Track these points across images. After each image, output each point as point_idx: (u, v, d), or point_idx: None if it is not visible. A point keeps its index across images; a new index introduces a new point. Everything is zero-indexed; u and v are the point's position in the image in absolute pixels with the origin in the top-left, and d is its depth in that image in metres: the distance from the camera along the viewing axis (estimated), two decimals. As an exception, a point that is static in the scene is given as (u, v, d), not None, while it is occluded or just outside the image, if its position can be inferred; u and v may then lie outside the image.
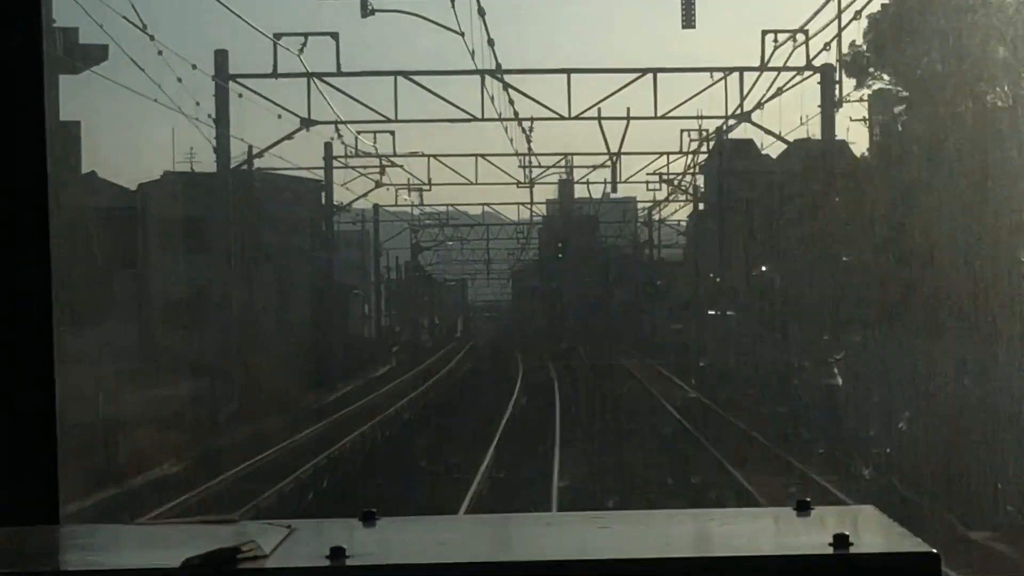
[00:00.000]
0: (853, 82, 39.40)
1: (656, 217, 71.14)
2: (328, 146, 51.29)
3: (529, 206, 73.86)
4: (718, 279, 55.57)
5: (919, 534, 2.43)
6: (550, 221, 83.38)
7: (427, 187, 57.11)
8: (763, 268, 46.02)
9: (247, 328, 38.80)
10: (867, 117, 42.47)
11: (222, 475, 23.44)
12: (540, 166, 58.28)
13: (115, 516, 19.85)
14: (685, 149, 52.77)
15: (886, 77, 36.56)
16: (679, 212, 72.40)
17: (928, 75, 28.93)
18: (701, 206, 65.94)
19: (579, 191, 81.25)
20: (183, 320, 35.50)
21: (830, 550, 2.30)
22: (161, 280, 36.24)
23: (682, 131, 52.37)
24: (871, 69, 36.82)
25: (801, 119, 46.85)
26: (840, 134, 44.65)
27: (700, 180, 63.80)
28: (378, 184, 55.26)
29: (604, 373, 52.56)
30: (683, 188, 60.31)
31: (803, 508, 2.53)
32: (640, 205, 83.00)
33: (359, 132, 49.84)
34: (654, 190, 60.71)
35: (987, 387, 20.14)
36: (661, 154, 53.99)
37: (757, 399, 35.26)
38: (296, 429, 31.40)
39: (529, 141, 44.24)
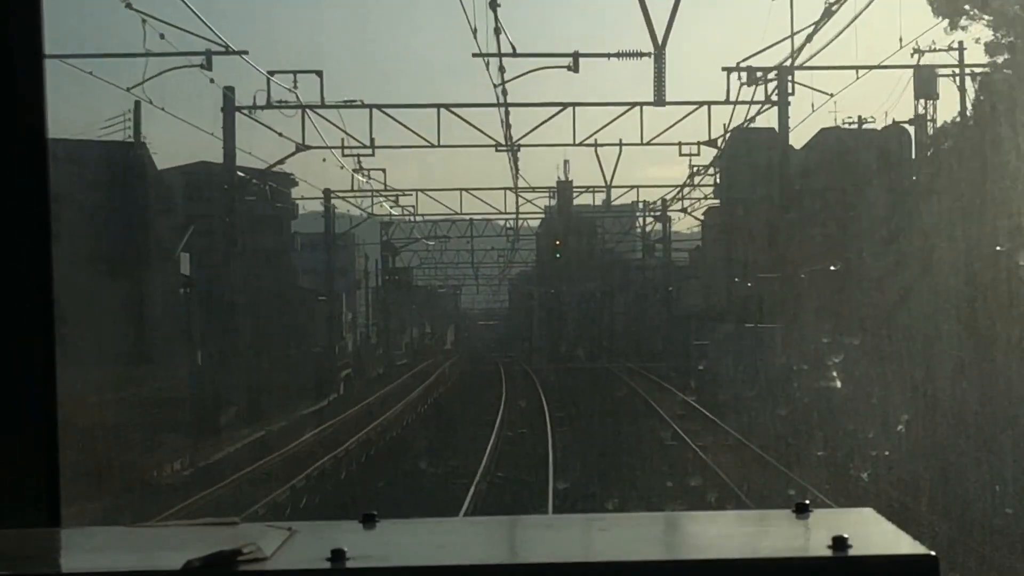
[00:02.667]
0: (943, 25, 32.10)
1: (681, 198, 61.82)
2: (228, 95, 38.73)
3: (514, 191, 59.94)
4: (749, 284, 49.21)
5: (917, 536, 2.46)
6: (549, 223, 75.24)
7: (368, 151, 44.46)
8: (832, 267, 39.70)
9: (107, 350, 31.07)
10: (959, 71, 34.87)
11: None
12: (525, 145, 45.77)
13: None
14: (733, 97, 40.89)
15: (986, 18, 30.04)
16: (699, 202, 62.83)
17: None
18: (717, 202, 59.79)
19: (583, 178, 72.93)
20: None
21: (829, 552, 2.35)
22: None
23: (728, 71, 39.89)
24: (967, 7, 30.50)
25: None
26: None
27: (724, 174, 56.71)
28: (300, 147, 42.02)
29: (622, 412, 38.68)
30: (720, 156, 49.50)
31: (802, 510, 2.58)
32: (648, 194, 72.97)
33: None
34: (690, 154, 47.31)
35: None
36: (701, 105, 42.45)
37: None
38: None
39: (499, 31, 31.74)
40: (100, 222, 34.31)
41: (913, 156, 44.43)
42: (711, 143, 44.97)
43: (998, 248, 24.34)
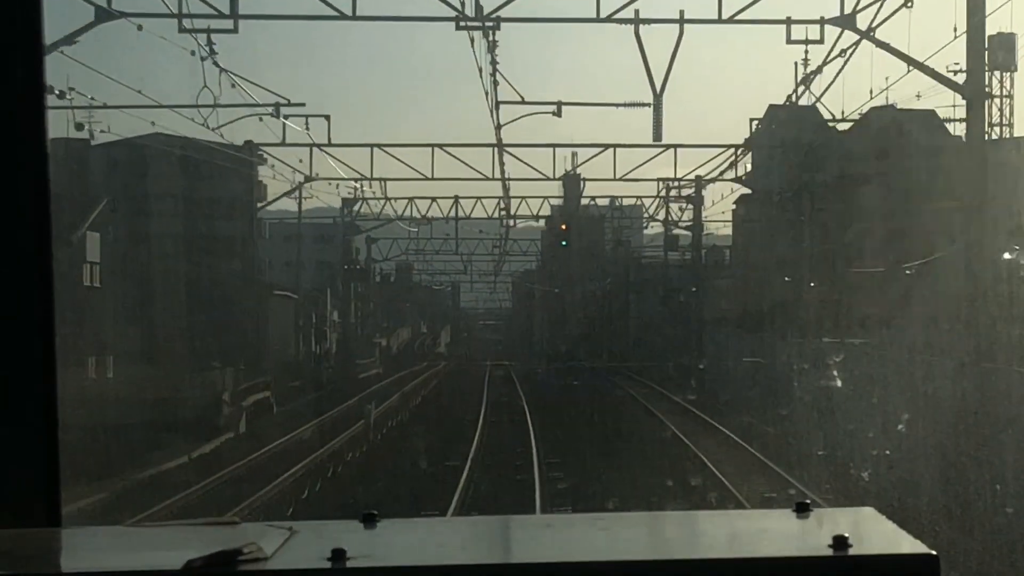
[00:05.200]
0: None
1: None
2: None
3: (495, 131, 43.88)
4: (813, 284, 40.96)
5: (918, 535, 2.50)
6: (555, 217, 67.50)
7: (227, 22, 30.59)
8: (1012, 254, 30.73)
9: None
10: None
11: None
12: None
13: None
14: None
15: None
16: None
17: None
18: (742, 189, 52.82)
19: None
20: None
21: (830, 551, 2.41)
22: None
23: None
24: None
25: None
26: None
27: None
28: (104, 12, 29.39)
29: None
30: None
31: (802, 509, 2.63)
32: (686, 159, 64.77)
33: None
34: (807, 41, 31.97)
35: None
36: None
37: None
38: None
39: None
40: None
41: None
42: (843, 20, 30.35)
43: None
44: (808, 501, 2.88)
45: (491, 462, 32.86)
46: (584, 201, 62.66)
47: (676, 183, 56.15)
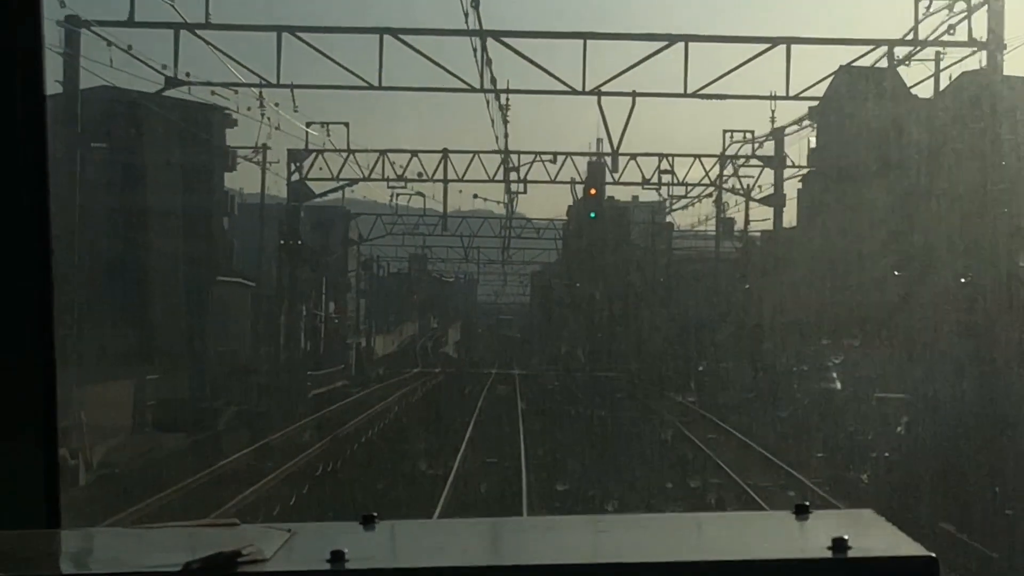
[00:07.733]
0: None
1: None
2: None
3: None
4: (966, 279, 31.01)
5: (918, 538, 2.51)
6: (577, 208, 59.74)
7: None
8: None
9: None
10: None
11: None
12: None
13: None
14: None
15: None
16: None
17: None
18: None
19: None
20: None
21: (829, 554, 2.45)
22: None
23: None
24: None
25: None
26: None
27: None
28: None
29: None
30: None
31: (802, 512, 2.67)
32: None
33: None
34: None
35: None
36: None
37: None
38: None
39: None
40: None
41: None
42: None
43: None
44: (807, 503, 2.90)
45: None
46: (623, 159, 48.20)
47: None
